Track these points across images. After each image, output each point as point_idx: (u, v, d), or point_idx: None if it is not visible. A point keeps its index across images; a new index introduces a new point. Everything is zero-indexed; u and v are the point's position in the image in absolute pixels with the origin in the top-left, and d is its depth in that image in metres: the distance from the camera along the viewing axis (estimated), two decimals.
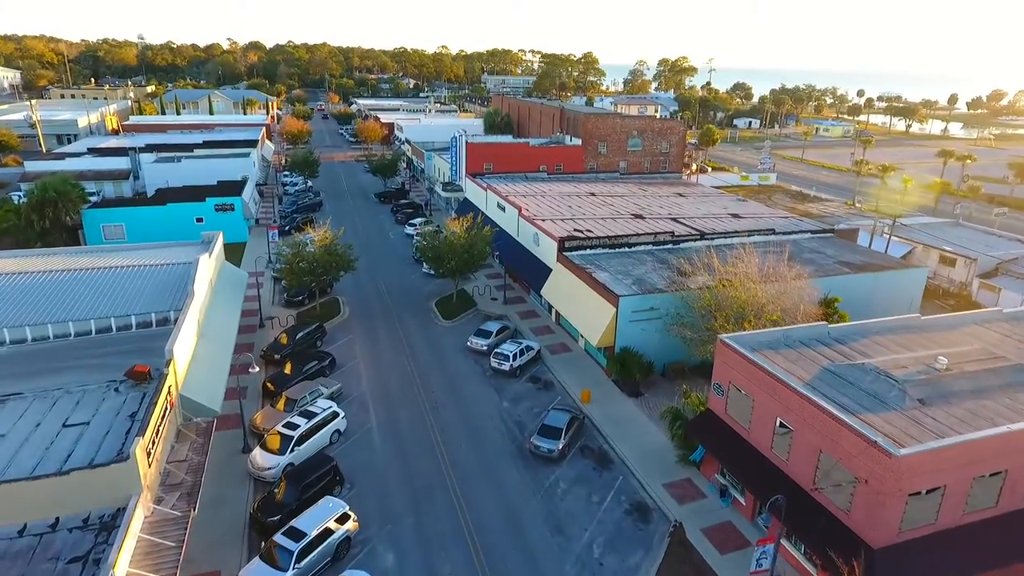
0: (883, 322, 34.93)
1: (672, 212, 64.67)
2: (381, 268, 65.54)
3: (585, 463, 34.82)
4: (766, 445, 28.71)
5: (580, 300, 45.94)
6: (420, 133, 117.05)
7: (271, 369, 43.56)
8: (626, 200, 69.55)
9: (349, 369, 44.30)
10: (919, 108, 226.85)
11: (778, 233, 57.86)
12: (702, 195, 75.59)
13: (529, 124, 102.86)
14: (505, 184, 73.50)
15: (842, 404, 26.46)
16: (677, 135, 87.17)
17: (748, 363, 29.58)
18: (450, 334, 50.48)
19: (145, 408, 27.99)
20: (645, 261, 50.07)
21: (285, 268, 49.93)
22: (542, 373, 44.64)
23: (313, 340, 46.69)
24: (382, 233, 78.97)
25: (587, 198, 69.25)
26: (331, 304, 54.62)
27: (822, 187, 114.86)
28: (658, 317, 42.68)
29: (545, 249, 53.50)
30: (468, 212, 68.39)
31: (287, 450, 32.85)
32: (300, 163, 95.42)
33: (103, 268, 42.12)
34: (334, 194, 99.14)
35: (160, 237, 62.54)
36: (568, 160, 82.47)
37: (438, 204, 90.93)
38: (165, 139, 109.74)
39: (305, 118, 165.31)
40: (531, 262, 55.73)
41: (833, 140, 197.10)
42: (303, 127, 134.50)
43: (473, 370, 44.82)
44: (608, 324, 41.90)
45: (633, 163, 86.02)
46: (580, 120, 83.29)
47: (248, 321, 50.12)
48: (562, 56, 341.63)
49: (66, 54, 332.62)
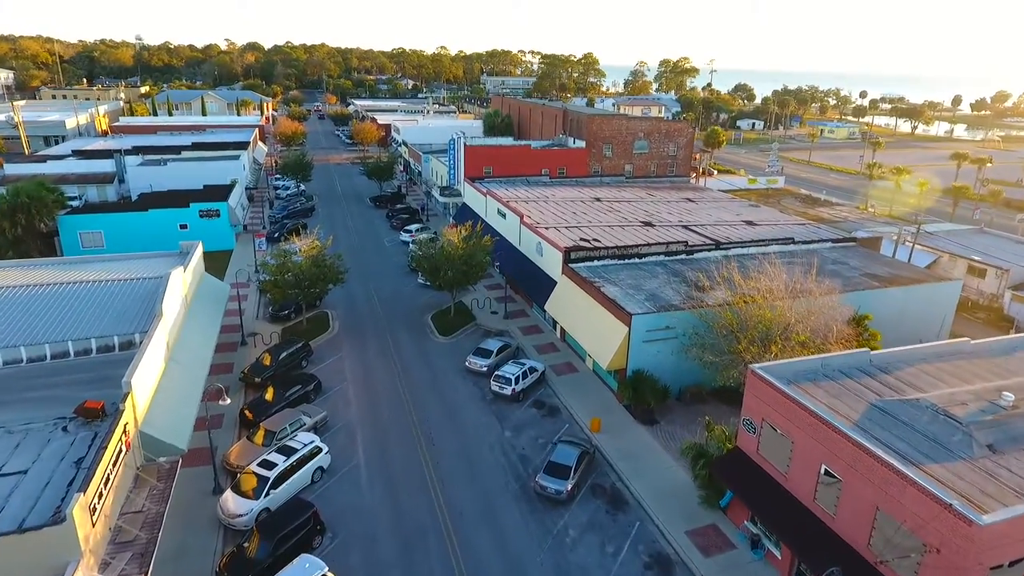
0: (931, 348, 31.29)
1: (683, 219, 61.03)
2: (374, 277, 61.86)
3: (597, 505, 31.14)
4: (807, 495, 25.04)
5: (588, 317, 42.26)
6: (417, 135, 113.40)
7: (251, 394, 39.83)
8: (633, 206, 65.90)
9: (336, 393, 40.58)
10: (924, 110, 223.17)
11: (797, 242, 54.22)
12: (713, 200, 71.97)
13: (530, 126, 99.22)
14: (505, 189, 69.88)
15: (899, 451, 22.83)
16: (685, 137, 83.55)
17: (785, 399, 25.93)
18: (447, 352, 46.80)
19: (94, 454, 24.33)
20: (657, 274, 46.41)
21: (269, 281, 46.21)
22: (547, 397, 40.95)
23: (298, 360, 42.97)
24: (376, 240, 75.28)
25: (592, 204, 65.61)
26: (319, 319, 50.91)
27: (831, 190, 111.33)
28: (674, 337, 39.02)
29: (549, 260, 49.84)
30: (467, 219, 64.68)
31: (262, 493, 29.15)
32: (292, 166, 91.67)
33: (65, 283, 38.37)
34: (328, 198, 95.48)
35: (141, 245, 59.04)
36: (571, 163, 78.84)
37: (435, 209, 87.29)
38: (153, 141, 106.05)
39: (300, 119, 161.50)
40: (534, 273, 52.06)
41: (838, 142, 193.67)
42: (297, 128, 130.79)
43: (472, 394, 41.12)
44: (619, 345, 38.23)
45: (639, 166, 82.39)
46: (584, 122, 79.68)
47: (229, 338, 46.44)
48: (562, 57, 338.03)
49: (62, 54, 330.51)
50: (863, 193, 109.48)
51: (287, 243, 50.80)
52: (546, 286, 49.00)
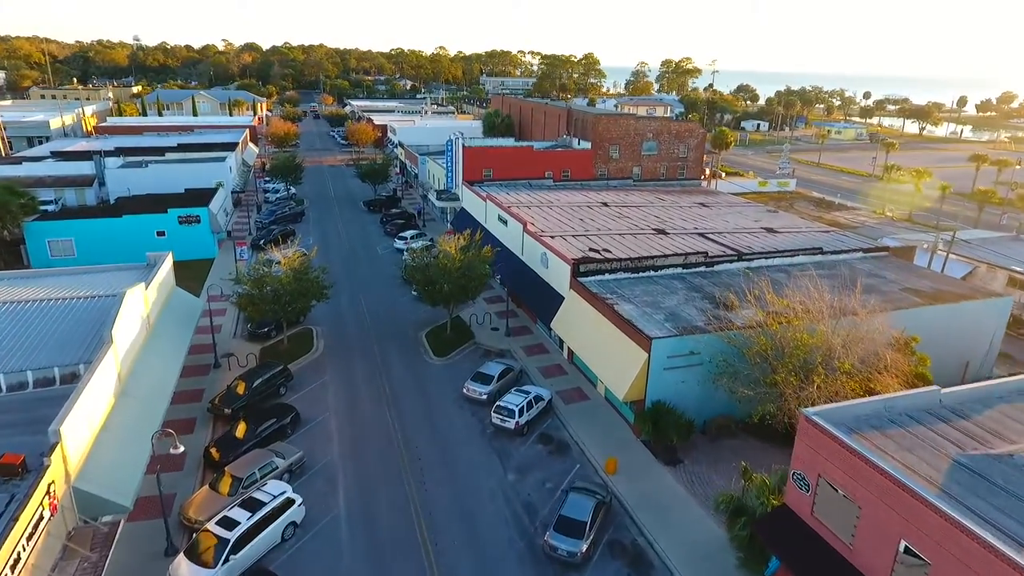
0: (1009, 384, 26.72)
1: (698, 226, 56.50)
2: (365, 289, 57.28)
3: (617, 568, 26.55)
4: (881, 574, 20.47)
5: (601, 339, 37.68)
6: (414, 136, 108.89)
7: (220, 428, 35.25)
8: (644, 212, 61.36)
9: (317, 427, 35.99)
10: (933, 110, 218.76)
11: (826, 252, 49.70)
12: (728, 205, 67.46)
13: (532, 126, 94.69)
14: (507, 193, 65.34)
15: (1004, 529, 18.28)
16: (696, 138, 79.02)
17: (848, 453, 21.37)
18: (442, 376, 42.22)
19: (3, 526, 19.76)
20: (676, 289, 41.85)
21: (244, 297, 41.59)
22: (555, 430, 36.37)
23: (275, 387, 38.37)
24: (369, 247, 70.69)
25: (600, 209, 61.06)
26: (302, 337, 46.33)
27: (845, 194, 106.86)
28: (699, 363, 34.49)
29: (556, 272, 45.29)
30: (466, 225, 60.23)
31: (220, 560, 24.53)
32: (281, 168, 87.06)
33: (3, 303, 33.76)
34: (319, 202, 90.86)
35: (116, 255, 54.59)
36: (576, 165, 74.31)
37: (433, 214, 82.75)
38: (138, 142, 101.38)
39: (294, 119, 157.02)
40: (539, 287, 47.50)
41: (846, 143, 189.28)
42: (290, 129, 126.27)
43: (470, 426, 36.55)
44: (638, 374, 33.67)
45: (648, 169, 77.87)
46: (590, 122, 75.17)
47: (200, 360, 41.86)
48: (563, 57, 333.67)
49: (55, 55, 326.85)
50: (876, 196, 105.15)
51: (269, 253, 46.24)
52: (552, 301, 44.46)
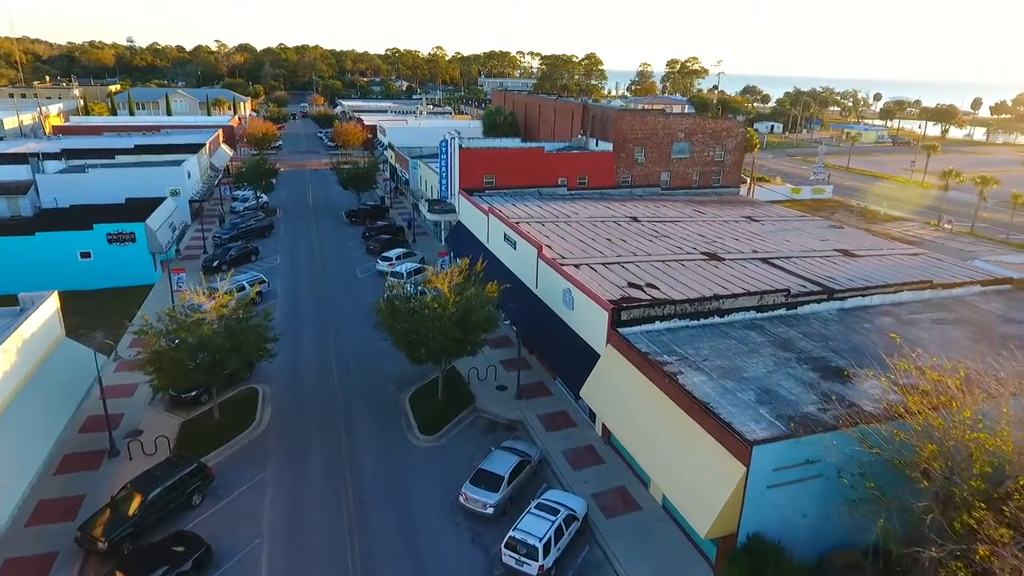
0: None
1: (756, 249, 44.69)
2: (337, 326, 45.37)
3: None
4: None
5: (661, 431, 25.70)
6: (406, 136, 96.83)
7: (89, 574, 23.22)
8: (684, 229, 49.57)
9: (238, 566, 23.97)
10: (958, 112, 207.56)
11: (935, 286, 37.90)
12: (781, 219, 55.67)
13: (539, 125, 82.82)
14: (513, 204, 53.49)
15: None
16: (735, 139, 67.25)
17: None
18: (431, 466, 30.26)
19: None
20: (756, 345, 29.93)
21: (150, 357, 29.43)
22: (595, 567, 24.44)
23: (186, 496, 26.38)
24: (346, 268, 58.71)
25: (630, 227, 49.25)
26: (241, 405, 34.23)
27: (883, 201, 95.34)
28: (816, 475, 22.67)
29: (586, 317, 33.36)
30: (462, 244, 48.60)
31: None
32: (250, 174, 75.00)
33: None
34: (294, 212, 78.85)
35: (28, 282, 43.42)
36: (596, 171, 62.50)
37: (425, 227, 70.92)
38: (92, 143, 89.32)
39: (278, 120, 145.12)
40: (561, 335, 35.52)
41: (868, 146, 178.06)
42: (269, 129, 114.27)
43: (470, 564, 24.59)
44: (729, 499, 21.78)
45: (678, 174, 66.13)
46: (611, 119, 63.35)
47: (90, 444, 29.86)
48: (564, 57, 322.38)
49: (42, 55, 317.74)
50: (915, 203, 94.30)
51: (211, 282, 34.07)
52: (581, 358, 32.56)
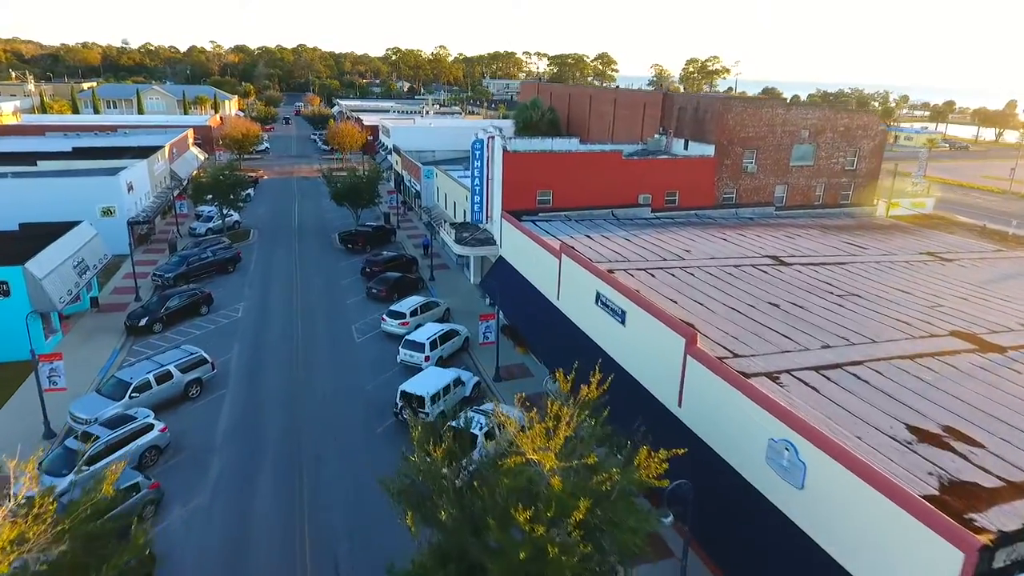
0: None
1: (984, 317, 26.66)
2: (320, 454, 27.13)
3: None
4: None
5: None
6: (414, 138, 78.70)
7: None
8: (862, 279, 31.50)
9: None
10: (1013, 115, 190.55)
11: None
12: (978, 255, 37.78)
13: (589, 122, 64.53)
14: (588, 235, 35.43)
15: None
16: (874, 139, 49.13)
17: None
18: None
19: None
20: None
21: None
22: None
23: None
24: (339, 326, 40.32)
25: (782, 274, 31.17)
26: None
27: (1012, 220, 77.69)
28: None
29: (841, 503, 15.15)
30: (508, 294, 30.99)
31: None
32: (213, 184, 56.64)
33: None
34: (273, 235, 60.57)
35: None
36: (690, 184, 44.38)
37: (446, 257, 52.89)
38: (24, 145, 71.10)
39: (264, 120, 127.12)
40: (776, 538, 17.30)
41: (922, 150, 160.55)
42: (251, 129, 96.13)
43: None
44: None
45: (797, 188, 48.06)
46: (714, 111, 45.11)
47: None
48: (575, 57, 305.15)
49: (26, 54, 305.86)
50: None
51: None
52: None
